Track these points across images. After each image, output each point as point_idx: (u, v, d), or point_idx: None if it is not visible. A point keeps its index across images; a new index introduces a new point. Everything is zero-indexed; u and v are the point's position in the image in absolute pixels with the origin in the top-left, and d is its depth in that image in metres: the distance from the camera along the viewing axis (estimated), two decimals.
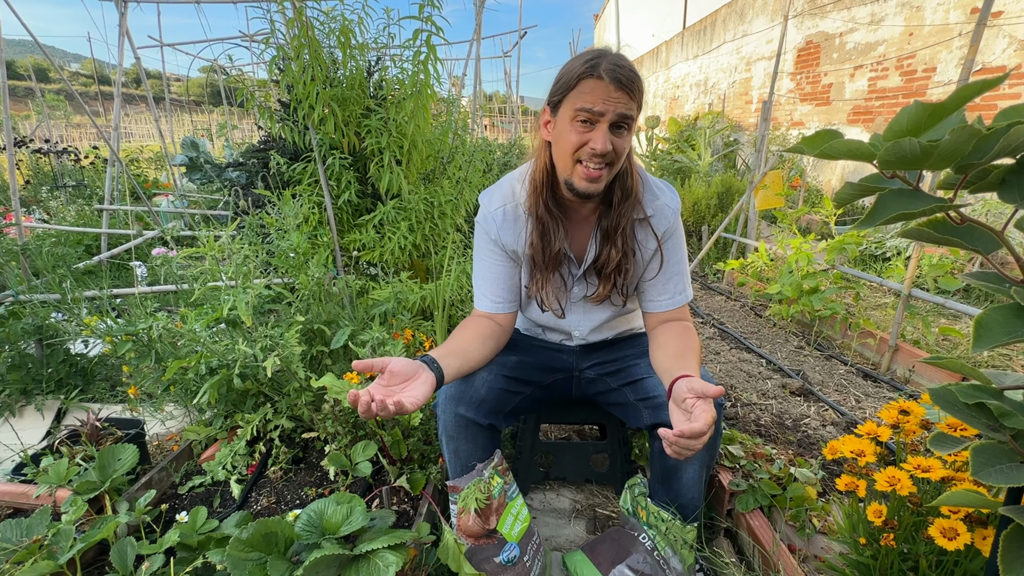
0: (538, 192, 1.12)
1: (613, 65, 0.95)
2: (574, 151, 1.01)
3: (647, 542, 1.18)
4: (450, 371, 1.03)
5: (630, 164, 1.10)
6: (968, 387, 0.63)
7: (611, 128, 0.99)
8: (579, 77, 0.97)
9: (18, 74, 13.60)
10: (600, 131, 0.98)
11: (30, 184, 5.36)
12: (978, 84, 0.48)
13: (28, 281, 1.98)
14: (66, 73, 5.40)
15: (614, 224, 1.12)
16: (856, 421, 1.86)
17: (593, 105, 0.96)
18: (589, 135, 0.99)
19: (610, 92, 0.95)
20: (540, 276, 1.18)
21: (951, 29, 4.47)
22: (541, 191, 1.11)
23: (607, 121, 0.97)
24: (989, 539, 0.75)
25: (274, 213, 1.92)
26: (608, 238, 1.14)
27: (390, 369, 0.92)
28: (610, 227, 1.13)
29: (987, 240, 0.57)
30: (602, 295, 1.19)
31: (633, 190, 1.11)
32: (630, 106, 0.98)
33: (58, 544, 1.02)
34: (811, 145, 0.56)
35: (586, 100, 0.97)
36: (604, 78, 0.95)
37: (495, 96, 12.41)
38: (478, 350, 1.15)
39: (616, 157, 1.02)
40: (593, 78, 0.95)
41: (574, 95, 0.98)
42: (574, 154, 1.02)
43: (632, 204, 1.12)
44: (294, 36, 1.93)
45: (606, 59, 0.96)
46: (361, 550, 0.94)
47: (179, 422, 1.72)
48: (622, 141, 1.01)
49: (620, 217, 1.12)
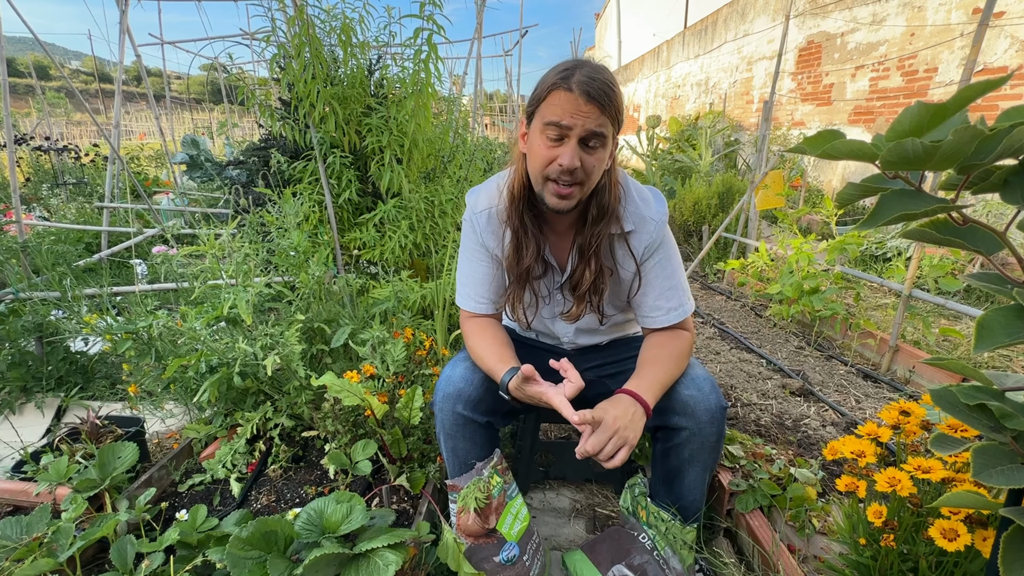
0: (515, 204, 1.08)
1: (586, 77, 0.90)
2: (543, 167, 0.97)
3: (647, 542, 1.18)
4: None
5: (609, 179, 1.05)
6: (969, 388, 0.63)
7: (581, 144, 0.94)
8: (550, 88, 0.93)
9: (19, 71, 13.60)
10: (568, 147, 0.93)
11: (30, 182, 5.36)
12: (981, 84, 0.47)
13: (28, 279, 1.98)
14: (67, 71, 5.40)
15: (588, 242, 1.08)
16: (856, 421, 1.86)
17: (561, 119, 0.92)
18: (557, 150, 0.95)
19: (579, 106, 0.90)
20: (512, 287, 1.17)
21: (953, 29, 4.46)
22: (518, 203, 1.08)
23: (575, 136, 0.93)
24: (989, 540, 0.75)
25: (274, 211, 1.92)
26: (582, 256, 1.10)
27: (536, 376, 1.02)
28: (584, 245, 1.09)
29: (989, 241, 0.57)
30: (575, 315, 1.16)
31: (610, 208, 1.06)
32: (601, 121, 0.92)
33: (58, 542, 1.02)
34: (813, 145, 0.55)
35: (555, 113, 0.92)
36: (574, 91, 0.90)
37: (496, 95, 12.40)
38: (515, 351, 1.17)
39: (586, 175, 0.97)
40: (562, 90, 0.91)
41: (544, 107, 0.94)
42: (543, 170, 0.98)
43: (608, 222, 1.07)
44: (295, 34, 1.93)
45: (580, 70, 0.91)
46: (361, 549, 0.94)
47: (179, 420, 1.72)
48: (593, 158, 0.96)
49: (595, 236, 1.07)
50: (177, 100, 13.74)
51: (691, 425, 1.08)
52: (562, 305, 1.21)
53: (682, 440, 1.09)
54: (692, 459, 1.11)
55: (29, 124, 9.61)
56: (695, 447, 1.09)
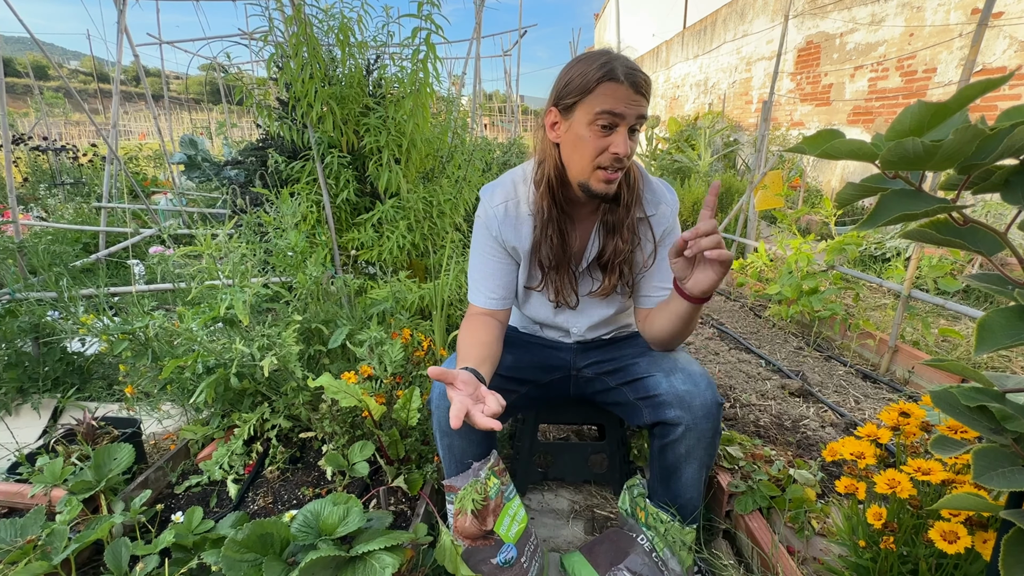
0: (552, 193, 1.12)
1: (629, 69, 0.97)
2: (595, 155, 1.03)
3: (646, 543, 1.17)
4: (488, 379, 1.02)
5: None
6: (969, 389, 0.63)
7: (629, 132, 1.01)
8: (598, 80, 0.98)
9: (16, 71, 13.55)
10: (620, 135, 1.00)
11: (28, 182, 5.34)
12: (982, 84, 0.47)
13: (25, 279, 1.97)
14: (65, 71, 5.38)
15: (620, 218, 1.14)
16: (855, 422, 1.86)
17: (615, 107, 0.98)
18: (609, 139, 1.01)
19: (630, 95, 0.97)
20: (555, 273, 1.20)
21: (952, 30, 4.47)
22: (556, 192, 1.12)
23: (627, 124, 0.99)
24: (990, 543, 0.74)
25: (272, 212, 1.91)
26: (614, 231, 1.16)
27: (460, 380, 0.91)
28: (616, 222, 1.15)
29: (989, 241, 0.57)
30: (608, 288, 1.20)
31: (635, 185, 1.14)
32: (645, 107, 1.00)
33: (52, 544, 1.01)
34: (812, 145, 0.55)
35: (608, 103, 0.98)
36: (624, 82, 0.96)
37: (495, 95, 12.41)
38: (498, 353, 1.15)
39: (628, 159, 1.04)
40: (614, 82, 0.97)
41: (593, 98, 0.99)
42: (595, 159, 1.03)
43: (635, 199, 1.14)
44: (292, 34, 1.92)
45: (619, 62, 0.98)
46: (358, 551, 0.93)
47: (176, 421, 1.72)
48: (634, 142, 1.03)
49: (627, 211, 1.14)
50: (175, 100, 13.73)
51: (687, 420, 1.09)
52: (590, 285, 1.24)
53: (678, 435, 1.10)
54: (689, 455, 1.12)
55: (27, 124, 9.60)
56: (691, 442, 1.10)
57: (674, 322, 1.09)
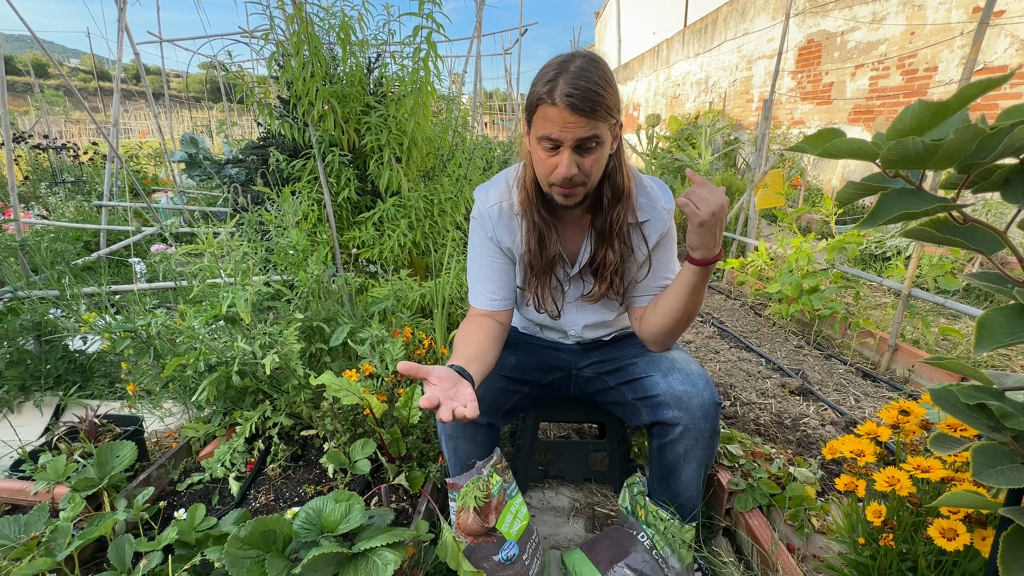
0: (530, 199, 1.11)
1: (571, 88, 0.90)
2: (546, 174, 1.02)
3: (646, 541, 1.18)
4: (476, 377, 0.99)
5: (618, 162, 1.08)
6: (969, 388, 0.63)
7: (576, 150, 0.96)
8: (538, 102, 0.95)
9: (17, 69, 13.56)
10: (563, 156, 0.96)
11: (29, 180, 5.34)
12: (982, 83, 0.47)
13: (27, 277, 1.98)
14: (65, 69, 5.39)
15: (608, 226, 1.11)
16: (855, 421, 1.86)
17: (550, 132, 0.94)
18: (554, 160, 0.98)
19: (566, 118, 0.92)
20: (536, 280, 1.18)
21: (953, 28, 4.46)
22: (533, 197, 1.11)
23: (568, 146, 0.95)
24: (988, 540, 0.75)
25: (273, 210, 1.91)
26: (604, 239, 1.13)
27: (436, 375, 0.88)
28: (605, 228, 1.12)
29: (989, 240, 0.57)
30: (597, 295, 1.19)
31: (624, 188, 1.10)
32: (591, 127, 0.93)
33: (56, 541, 1.01)
34: (813, 144, 0.55)
35: (545, 127, 0.95)
36: (559, 103, 0.91)
37: (495, 94, 12.38)
38: (491, 352, 1.12)
39: (586, 176, 1.00)
40: (548, 105, 0.92)
41: (536, 120, 0.97)
42: (546, 177, 1.02)
43: (625, 204, 1.11)
44: (294, 32, 1.92)
45: (565, 78, 0.91)
46: (359, 548, 0.94)
47: (178, 419, 1.72)
48: (590, 158, 0.98)
49: (614, 219, 1.11)
50: (176, 98, 13.73)
51: (685, 419, 1.09)
52: (581, 289, 1.23)
53: (677, 435, 1.10)
54: (687, 455, 1.12)
55: (28, 122, 9.59)
56: (690, 442, 1.10)
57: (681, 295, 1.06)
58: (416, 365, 0.87)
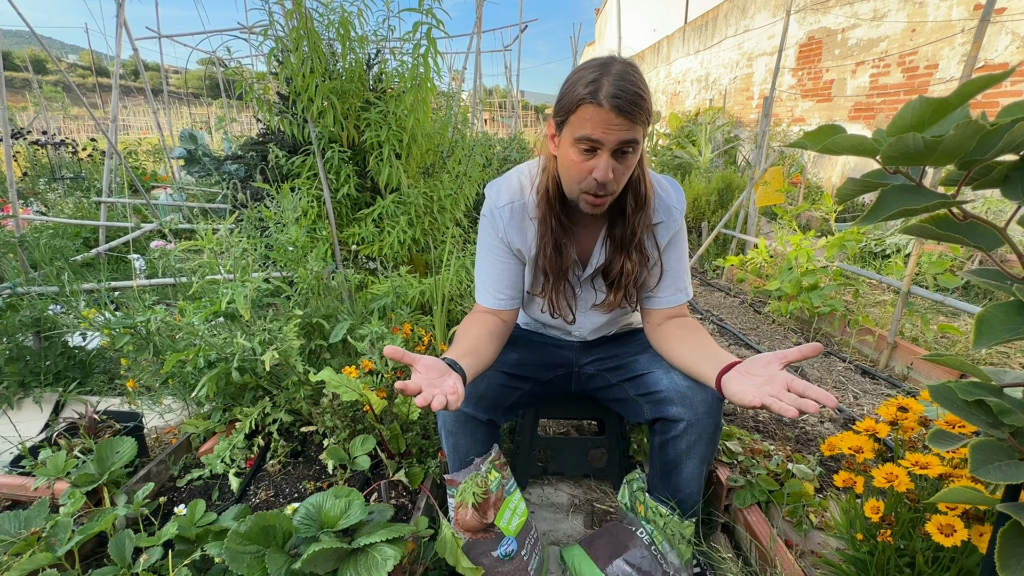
0: (550, 203, 1.09)
1: (616, 89, 0.88)
2: (578, 179, 0.99)
3: (645, 537, 1.18)
4: (469, 371, 0.99)
5: (641, 171, 1.06)
6: (968, 384, 0.63)
7: (613, 155, 0.95)
8: (579, 102, 0.92)
9: (15, 65, 13.49)
10: (602, 159, 0.94)
11: (27, 176, 5.33)
12: (983, 79, 0.47)
13: (26, 273, 1.97)
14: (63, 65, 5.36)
15: (629, 235, 1.10)
16: (854, 418, 1.87)
17: (592, 134, 0.92)
18: (591, 163, 0.95)
19: (611, 120, 0.90)
20: (550, 285, 1.17)
21: (953, 25, 4.45)
22: (554, 203, 1.09)
23: (608, 149, 0.93)
24: (986, 536, 0.75)
25: (272, 207, 1.91)
26: (622, 248, 1.11)
27: (423, 363, 0.87)
28: (624, 237, 1.10)
29: (989, 237, 0.57)
30: (612, 304, 1.17)
31: (646, 198, 1.08)
32: (633, 131, 0.92)
33: (56, 536, 1.02)
34: (814, 140, 0.55)
35: (586, 128, 0.92)
36: (604, 105, 0.89)
37: (495, 90, 12.35)
38: (488, 348, 1.11)
39: (618, 184, 0.99)
40: (592, 105, 0.90)
41: (575, 120, 0.94)
42: (578, 182, 0.99)
43: (646, 213, 1.10)
44: (293, 28, 1.91)
45: (608, 79, 0.89)
46: (359, 544, 0.94)
47: (177, 415, 1.72)
48: (625, 164, 0.97)
49: (634, 228, 1.09)
50: (175, 95, 13.67)
51: (689, 416, 1.08)
52: (593, 297, 1.22)
53: (679, 432, 1.10)
54: (690, 451, 1.12)
55: (26, 118, 9.56)
56: (692, 438, 1.10)
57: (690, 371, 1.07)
58: (402, 351, 0.86)
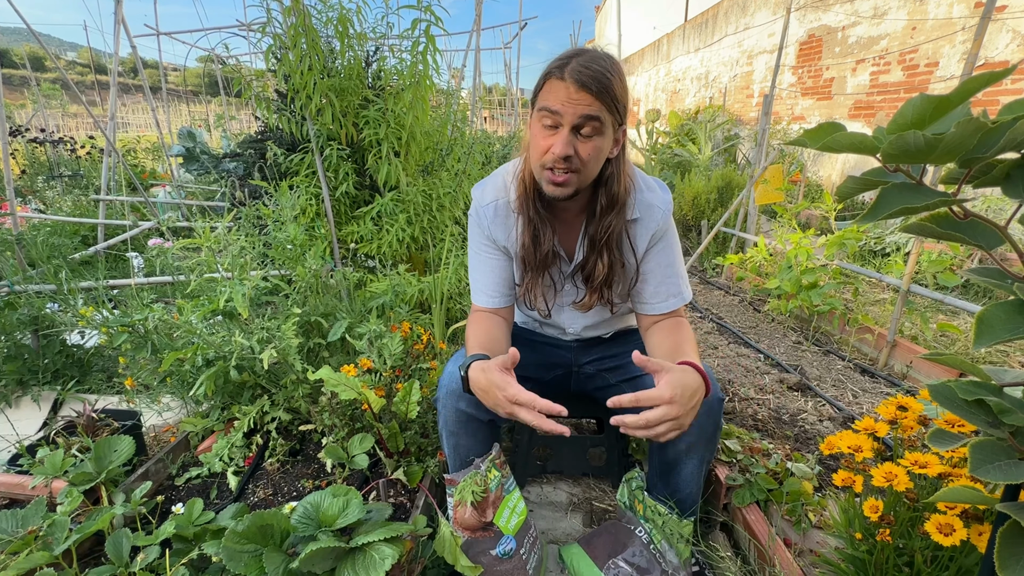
0: (527, 192, 1.09)
1: (581, 66, 0.91)
2: (540, 155, 0.99)
3: (643, 535, 1.18)
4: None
5: (618, 170, 1.05)
6: (967, 383, 0.63)
7: (574, 132, 0.95)
8: (546, 76, 0.95)
9: (13, 62, 13.46)
10: (560, 134, 0.95)
11: (26, 174, 5.32)
12: (984, 77, 0.47)
13: (24, 271, 1.97)
14: (62, 62, 5.34)
15: (600, 235, 1.09)
16: (853, 416, 1.87)
17: (552, 104, 0.93)
18: (551, 139, 0.96)
19: (571, 93, 0.91)
20: (530, 276, 1.16)
21: (954, 23, 4.44)
22: (529, 191, 1.09)
23: (568, 124, 0.94)
24: (985, 535, 0.75)
25: (271, 204, 1.91)
26: (594, 248, 1.11)
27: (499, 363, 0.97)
28: (596, 237, 1.09)
29: (989, 235, 0.57)
30: (588, 304, 1.17)
31: (619, 199, 1.07)
32: (594, 107, 0.92)
33: (53, 535, 1.01)
34: (813, 138, 0.55)
35: (548, 100, 0.94)
36: (566, 78, 0.91)
37: (495, 88, 12.34)
38: (501, 341, 1.13)
39: (582, 164, 0.97)
40: (556, 79, 0.93)
41: (541, 95, 0.96)
42: (540, 158, 0.99)
43: (620, 215, 1.08)
44: (291, 25, 1.91)
45: (578, 59, 0.92)
46: (357, 543, 0.94)
47: (176, 414, 1.72)
48: (588, 146, 0.96)
49: (606, 228, 1.08)
50: (173, 92, 13.63)
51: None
52: (574, 294, 1.21)
53: None
54: (689, 451, 1.11)
55: (24, 116, 9.54)
56: (692, 438, 1.09)
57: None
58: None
